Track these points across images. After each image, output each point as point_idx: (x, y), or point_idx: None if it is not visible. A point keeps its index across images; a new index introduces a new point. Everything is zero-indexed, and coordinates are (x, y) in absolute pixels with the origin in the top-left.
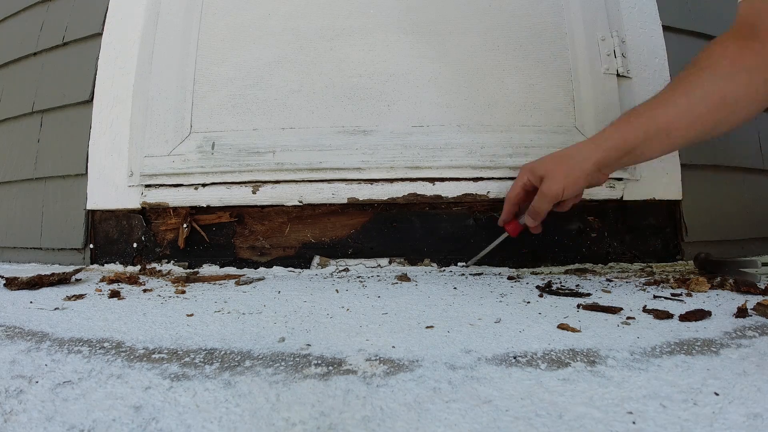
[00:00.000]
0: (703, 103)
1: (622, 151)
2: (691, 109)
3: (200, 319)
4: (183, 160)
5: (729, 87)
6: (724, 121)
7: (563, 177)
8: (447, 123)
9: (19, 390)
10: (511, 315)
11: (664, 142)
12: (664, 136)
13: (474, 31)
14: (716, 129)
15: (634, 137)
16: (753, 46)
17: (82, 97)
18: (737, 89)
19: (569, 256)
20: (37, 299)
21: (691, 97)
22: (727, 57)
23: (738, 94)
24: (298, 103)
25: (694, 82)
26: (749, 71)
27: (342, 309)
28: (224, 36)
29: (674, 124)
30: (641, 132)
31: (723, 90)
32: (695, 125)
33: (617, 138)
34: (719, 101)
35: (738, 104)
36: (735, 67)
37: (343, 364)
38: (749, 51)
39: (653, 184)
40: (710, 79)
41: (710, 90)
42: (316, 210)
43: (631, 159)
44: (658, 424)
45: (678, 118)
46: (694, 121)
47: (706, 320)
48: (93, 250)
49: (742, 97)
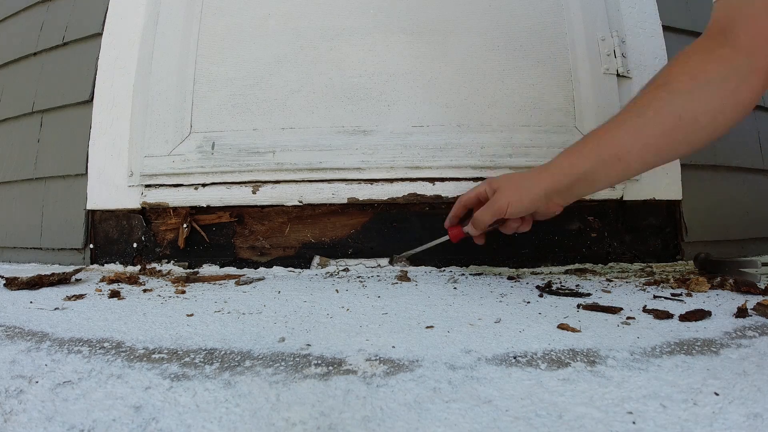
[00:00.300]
0: (657, 125)
1: (572, 178)
2: (645, 132)
3: (200, 319)
4: (183, 160)
5: (687, 105)
6: (685, 141)
7: (511, 194)
8: (447, 123)
9: (19, 390)
10: (511, 315)
11: (616, 168)
12: (615, 162)
13: (474, 31)
14: (677, 150)
15: (583, 164)
16: (721, 54)
17: (82, 97)
18: (696, 106)
19: (569, 256)
20: (37, 299)
21: (642, 118)
22: (686, 72)
23: (697, 111)
24: (298, 103)
25: (649, 103)
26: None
27: (342, 309)
28: (224, 36)
29: (626, 148)
30: (591, 158)
31: (680, 109)
32: (650, 148)
33: (566, 165)
34: (675, 121)
35: (698, 123)
36: (696, 80)
37: (343, 364)
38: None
39: (653, 184)
40: (667, 97)
41: (665, 110)
42: (316, 210)
43: (586, 187)
44: (658, 424)
45: (631, 142)
46: (646, 144)
47: (706, 320)
48: (93, 250)
49: (703, 114)
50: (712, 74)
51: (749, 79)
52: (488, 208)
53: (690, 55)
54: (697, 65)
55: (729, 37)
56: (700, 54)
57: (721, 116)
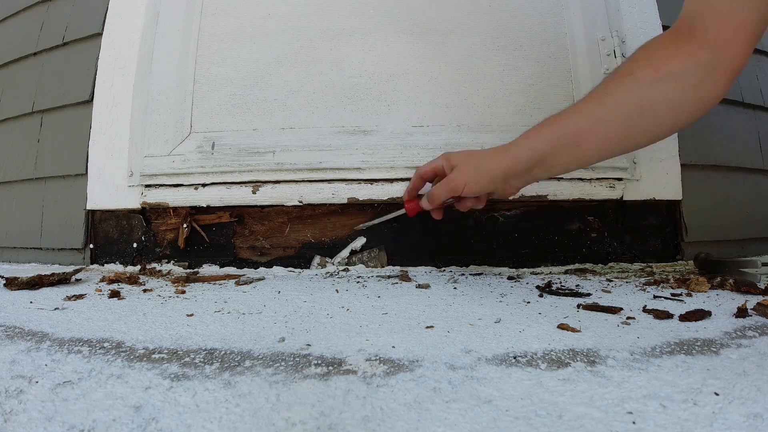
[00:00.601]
0: (616, 112)
1: (530, 161)
2: (603, 119)
3: (200, 319)
4: (183, 160)
5: (648, 95)
6: (644, 132)
7: (468, 174)
8: (447, 123)
9: (19, 390)
10: (511, 315)
11: (574, 154)
12: (573, 147)
13: (474, 31)
14: (635, 141)
15: (543, 146)
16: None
17: (82, 97)
18: (657, 97)
19: (569, 256)
20: (37, 299)
21: (604, 105)
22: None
23: (657, 102)
24: (298, 103)
25: (611, 90)
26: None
27: (342, 309)
28: (224, 36)
29: (584, 134)
30: (550, 141)
31: (640, 99)
32: (608, 136)
33: (527, 147)
34: (635, 111)
35: (658, 114)
36: (659, 73)
37: (343, 364)
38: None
39: (653, 184)
40: (629, 86)
41: (626, 98)
42: (316, 210)
43: (543, 171)
44: (658, 424)
45: (589, 128)
46: (606, 132)
47: (706, 320)
48: (93, 250)
49: (663, 106)
50: (676, 68)
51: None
52: (444, 185)
53: (656, 47)
54: (662, 58)
55: (697, 32)
56: (667, 47)
57: (681, 110)
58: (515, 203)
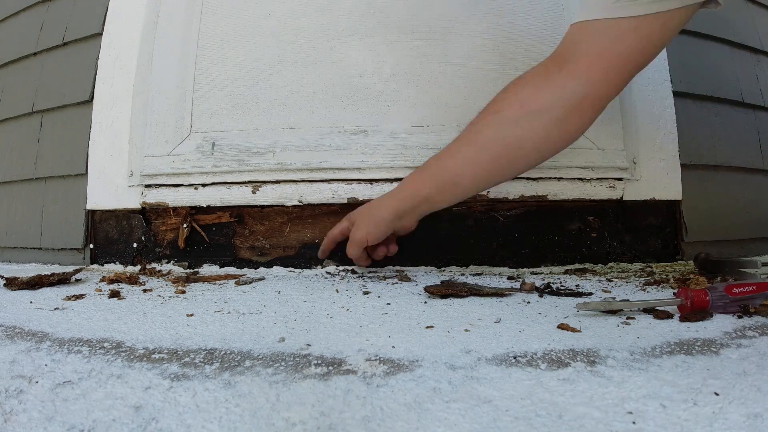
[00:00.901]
0: (485, 151)
1: (415, 201)
2: (475, 158)
3: (200, 319)
4: (183, 160)
5: (513, 132)
6: (510, 166)
7: (366, 225)
8: (447, 123)
9: (19, 390)
10: (511, 315)
11: (453, 191)
12: (451, 186)
13: (474, 31)
14: (504, 174)
15: (424, 188)
16: (555, 79)
17: (82, 97)
18: (522, 134)
19: (569, 256)
20: (37, 299)
21: (474, 146)
22: (518, 100)
23: (522, 139)
24: (298, 103)
25: (480, 130)
26: (541, 114)
27: (342, 309)
28: (224, 36)
29: (459, 174)
30: (431, 183)
31: (506, 137)
32: (480, 173)
33: (410, 188)
34: (501, 149)
35: (523, 149)
36: (523, 110)
37: (343, 364)
38: (548, 88)
39: (653, 184)
40: (496, 124)
41: (492, 137)
42: (316, 210)
43: (428, 207)
44: (658, 424)
45: (463, 168)
46: (476, 169)
47: (706, 320)
48: (93, 250)
49: (528, 143)
50: (541, 104)
51: (581, 105)
52: (352, 243)
53: (526, 81)
54: (529, 93)
55: (569, 60)
56: (536, 79)
57: (544, 145)
58: (515, 203)
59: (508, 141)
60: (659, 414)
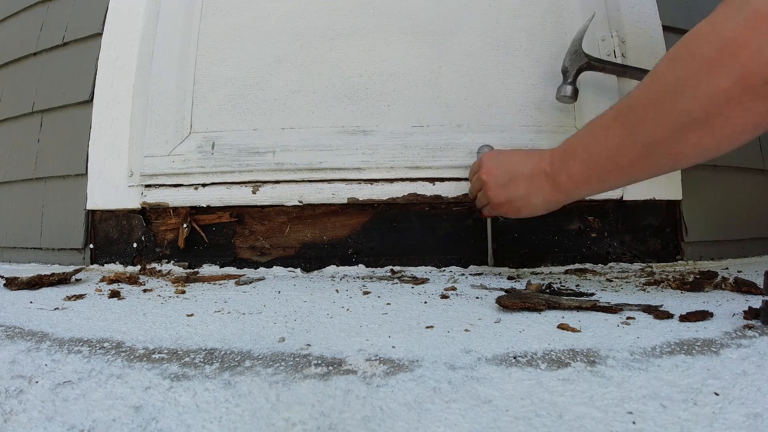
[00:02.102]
0: None
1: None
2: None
3: (200, 319)
4: (183, 160)
5: None
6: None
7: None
8: (447, 123)
9: (19, 390)
10: (511, 315)
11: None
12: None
13: (474, 31)
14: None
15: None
16: None
17: (82, 97)
18: None
19: (569, 256)
20: (37, 299)
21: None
22: None
23: None
24: (298, 103)
25: None
26: None
27: (342, 309)
28: (224, 36)
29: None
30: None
31: None
32: None
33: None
34: None
35: None
36: None
37: (343, 364)
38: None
39: (653, 184)
40: None
41: None
42: (316, 210)
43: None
44: (658, 424)
45: None
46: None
47: (706, 320)
48: (93, 250)
49: None
50: None
51: None
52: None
53: None
54: None
55: None
56: None
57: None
58: None
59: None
60: (659, 414)
